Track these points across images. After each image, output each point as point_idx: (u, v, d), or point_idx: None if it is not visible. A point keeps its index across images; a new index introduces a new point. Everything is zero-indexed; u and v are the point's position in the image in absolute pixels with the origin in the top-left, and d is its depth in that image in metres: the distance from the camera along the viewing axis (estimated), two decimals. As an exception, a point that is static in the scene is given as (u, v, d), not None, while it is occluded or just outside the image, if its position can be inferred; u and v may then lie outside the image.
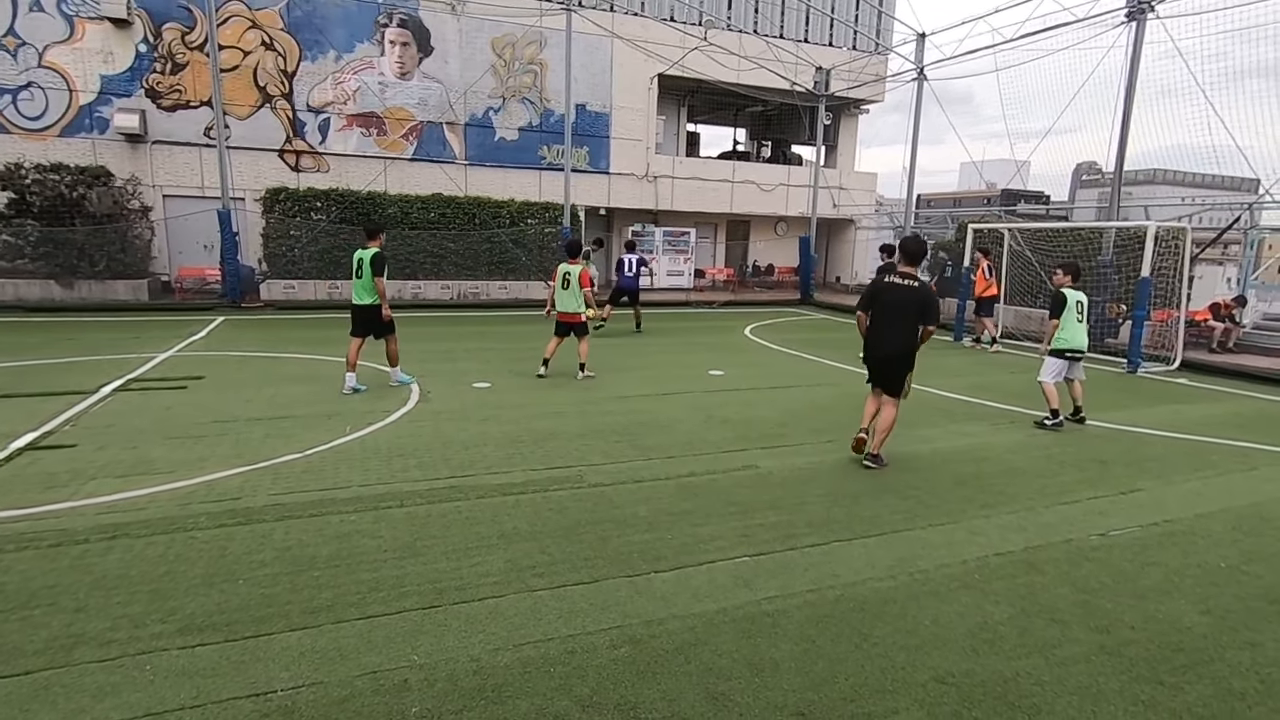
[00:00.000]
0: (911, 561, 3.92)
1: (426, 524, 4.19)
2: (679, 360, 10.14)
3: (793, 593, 3.53)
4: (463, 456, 5.48)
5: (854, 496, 4.89)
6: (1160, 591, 3.69)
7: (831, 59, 21.36)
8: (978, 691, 2.79)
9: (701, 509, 4.56)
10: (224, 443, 5.62)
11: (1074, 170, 40.10)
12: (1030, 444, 6.43)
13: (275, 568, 3.60)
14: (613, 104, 20.07)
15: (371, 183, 17.29)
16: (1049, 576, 3.81)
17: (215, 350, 9.83)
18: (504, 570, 3.65)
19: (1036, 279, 13.96)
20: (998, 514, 4.68)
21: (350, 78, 17.43)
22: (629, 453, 5.70)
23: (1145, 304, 10.54)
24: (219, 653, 2.87)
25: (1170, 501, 5.03)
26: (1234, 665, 3.04)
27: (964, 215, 19.73)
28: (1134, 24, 11.73)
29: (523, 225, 17.93)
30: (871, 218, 25.21)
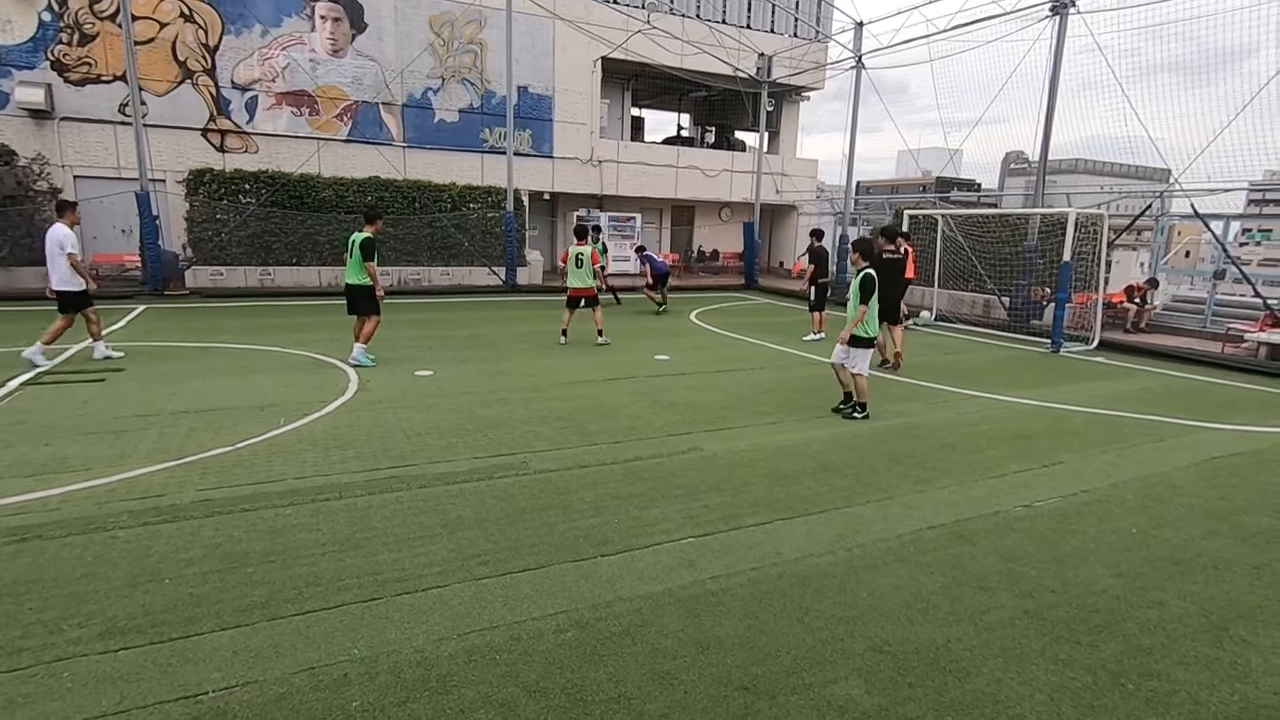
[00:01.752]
0: (850, 537, 4.04)
1: (367, 516, 4.09)
2: (625, 345, 10.14)
3: (737, 571, 3.59)
4: (404, 446, 5.36)
5: (795, 476, 5.01)
6: (1078, 557, 3.91)
7: (773, 45, 21.55)
8: (912, 659, 2.91)
9: (647, 492, 4.59)
10: (146, 438, 5.34)
11: (1003, 159, 41.79)
12: (961, 421, 6.70)
13: (204, 566, 3.45)
14: (555, 87, 19.77)
15: (304, 165, 16.59)
16: (978, 547, 3.99)
17: (136, 341, 9.31)
18: (448, 559, 3.60)
19: (968, 264, 14.50)
20: (931, 489, 4.87)
21: (278, 54, 16.62)
22: (575, 438, 5.69)
23: (1067, 287, 11.09)
24: (144, 655, 2.74)
25: (1088, 473, 5.33)
26: (1142, 623, 3.26)
27: (900, 202, 20.30)
28: (1057, 18, 12.23)
29: (465, 209, 17.55)
30: (813, 204, 25.67)
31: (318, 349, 9.03)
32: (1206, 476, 5.35)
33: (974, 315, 14.47)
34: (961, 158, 30.14)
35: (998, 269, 13.99)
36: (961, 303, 15.03)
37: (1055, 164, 38.28)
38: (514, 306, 14.67)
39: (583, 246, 10.24)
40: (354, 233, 8.30)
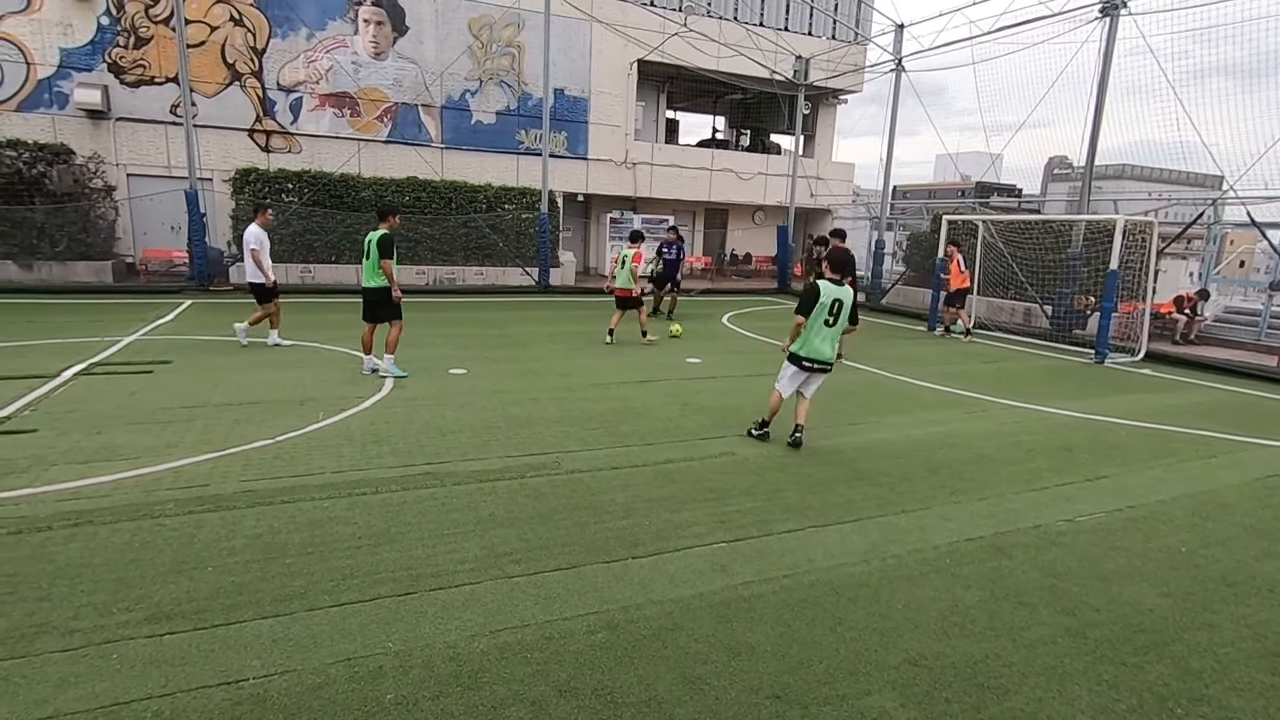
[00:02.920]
0: (884, 547, 3.98)
1: (401, 511, 4.15)
2: (656, 348, 10.13)
3: (769, 578, 3.56)
4: (438, 443, 5.42)
5: (829, 483, 4.95)
6: (1124, 575, 3.79)
7: (811, 48, 21.36)
8: (948, 673, 2.85)
9: (678, 495, 4.57)
10: (192, 429, 5.50)
11: (1046, 164, 40.75)
12: (1000, 431, 6.55)
13: (246, 555, 3.53)
14: (591, 89, 19.88)
15: (344, 165, 16.94)
16: (1018, 561, 3.89)
17: (183, 334, 9.60)
18: (480, 557, 3.63)
19: (1008, 271, 14.18)
20: (968, 500, 4.77)
21: (322, 56, 17.02)
22: (606, 439, 5.70)
23: (1113, 296, 10.77)
24: (188, 641, 2.82)
25: (1134, 488, 5.17)
26: (1192, 645, 3.14)
27: (938, 207, 19.96)
28: (1107, 20, 11.89)
29: (500, 210, 17.73)
30: (848, 208, 25.36)
31: (355, 345, 9.18)
32: (1260, 496, 5.14)
33: (1014, 323, 14.14)
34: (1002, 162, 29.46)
35: (1040, 276, 13.65)
36: (1001, 310, 14.70)
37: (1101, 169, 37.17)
38: (546, 307, 14.77)
39: (630, 249, 10.35)
40: (369, 232, 7.50)
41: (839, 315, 5.60)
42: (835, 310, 5.57)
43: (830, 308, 5.56)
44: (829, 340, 5.63)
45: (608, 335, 10.25)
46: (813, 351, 5.63)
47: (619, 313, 10.44)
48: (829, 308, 5.56)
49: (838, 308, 5.58)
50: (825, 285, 5.61)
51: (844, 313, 5.62)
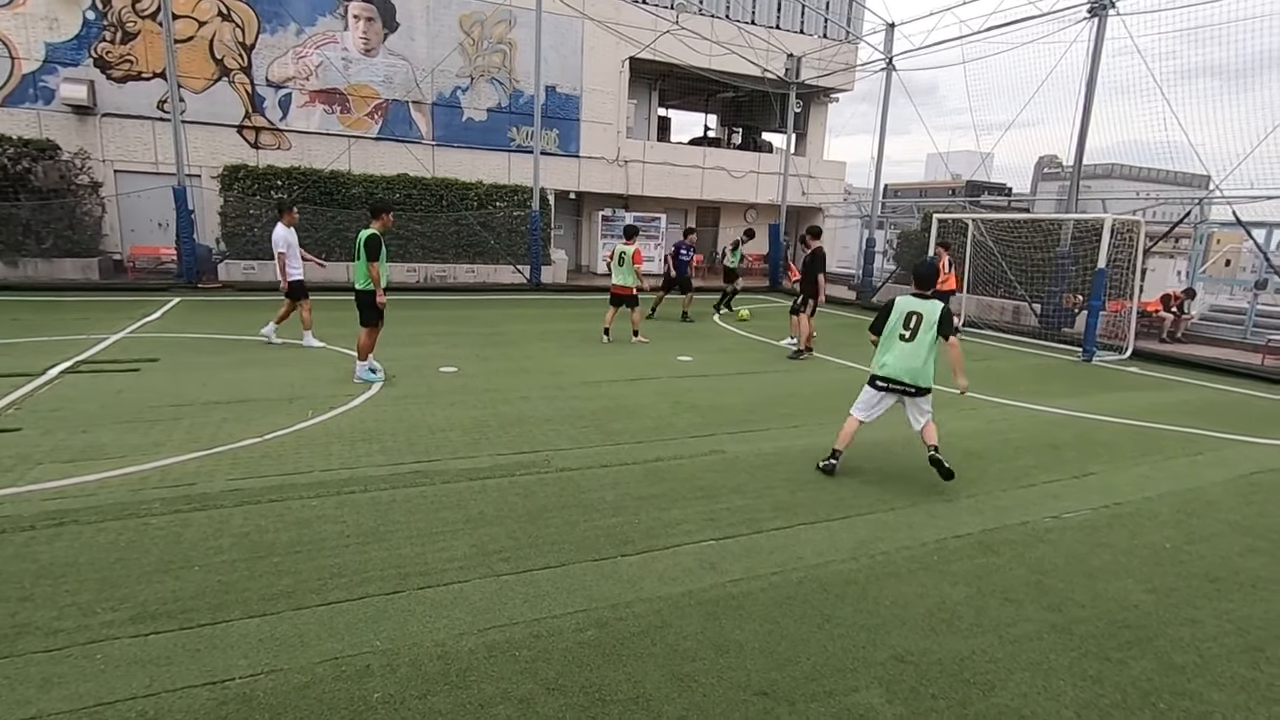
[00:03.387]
0: (873, 544, 4.00)
1: (390, 509, 4.14)
2: (648, 347, 10.13)
3: (757, 575, 3.57)
4: (428, 441, 5.41)
5: (819, 481, 4.96)
6: (1109, 571, 3.82)
7: (802, 46, 21.40)
8: (935, 669, 2.87)
9: (668, 493, 4.58)
10: (179, 427, 5.46)
11: (1036, 163, 41.02)
12: (989, 430, 6.59)
13: (233, 554, 3.51)
14: (583, 86, 19.84)
15: (334, 162, 16.86)
16: (1005, 558, 3.92)
17: (170, 332, 9.53)
18: (469, 555, 3.63)
19: (998, 269, 14.27)
20: (957, 497, 4.79)
21: (312, 52, 16.91)
22: (596, 438, 5.70)
23: (1101, 294, 10.85)
24: (173, 641, 2.80)
25: (1120, 485, 5.21)
26: (1175, 641, 3.18)
27: (929, 205, 20.04)
28: (1095, 20, 11.97)
29: (491, 208, 17.68)
30: (840, 206, 25.44)
31: (345, 344, 9.14)
32: (1245, 493, 5.20)
33: (1004, 322, 14.23)
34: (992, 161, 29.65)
35: (1029, 275, 13.74)
36: (991, 309, 14.79)
37: (1090, 169, 37.50)
38: (538, 305, 14.75)
39: (627, 246, 10.23)
40: (361, 230, 7.09)
41: (917, 330, 4.93)
42: (913, 324, 4.96)
43: (905, 321, 4.99)
44: (908, 357, 4.95)
45: (604, 335, 10.27)
46: (885, 369, 5.06)
47: (613, 310, 10.41)
48: (903, 321, 5.01)
49: (915, 321, 4.95)
50: (901, 299, 5.12)
51: (924, 327, 4.91)
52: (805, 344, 9.81)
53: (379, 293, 7.03)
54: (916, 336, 4.95)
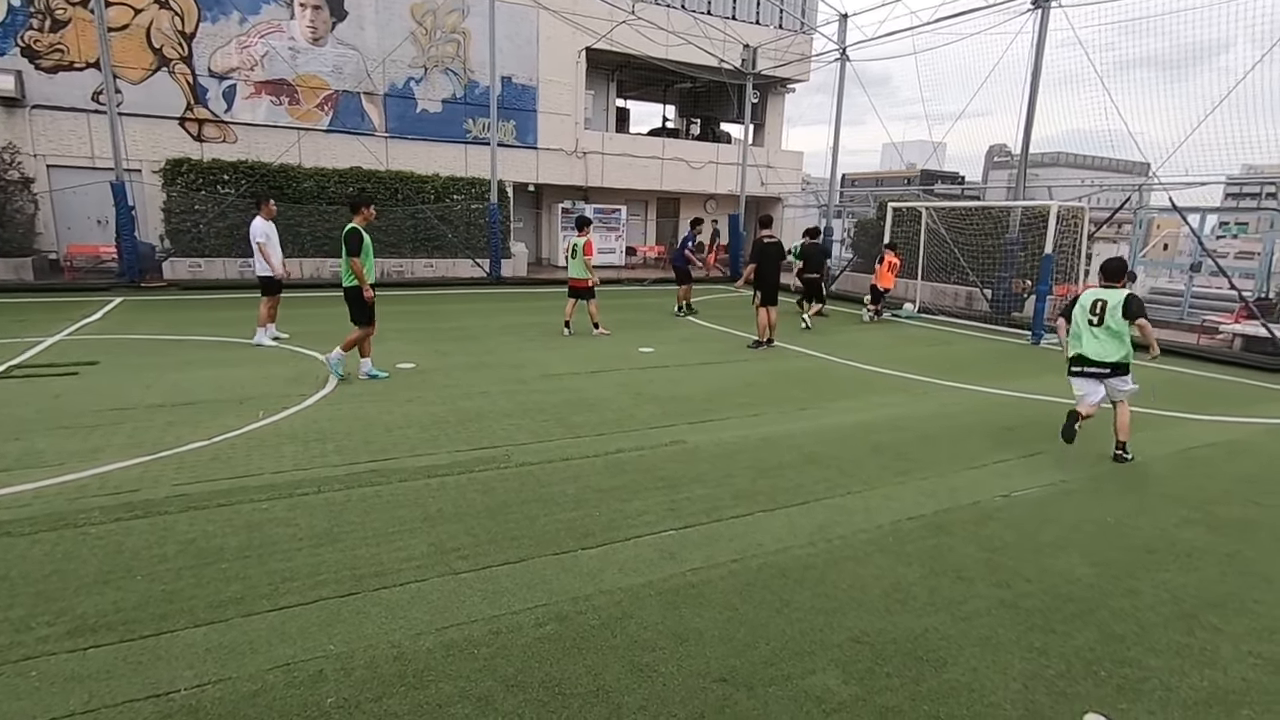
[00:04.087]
0: (831, 528, 4.06)
1: (345, 510, 4.05)
2: (609, 339, 10.11)
3: (717, 563, 3.60)
4: (385, 439, 5.31)
5: (778, 468, 5.02)
6: (1055, 547, 3.95)
7: (758, 37, 21.49)
8: (890, 649, 2.93)
9: (629, 485, 4.58)
10: (121, 432, 5.25)
11: (986, 152, 41.97)
12: (943, 413, 6.75)
13: (178, 562, 3.40)
14: (540, 77, 19.61)
15: (284, 155, 16.36)
16: (957, 537, 4.02)
17: (112, 333, 9.15)
18: (427, 554, 3.57)
19: (951, 256, 14.60)
20: (912, 480, 4.90)
21: (257, 42, 16.35)
22: (557, 431, 5.66)
23: (1048, 279, 11.18)
24: (115, 654, 2.69)
25: (1066, 463, 5.40)
26: (1116, 611, 3.30)
27: (885, 194, 20.39)
28: (1039, 12, 12.27)
29: (448, 201, 17.40)
30: (799, 196, 25.70)
31: (298, 341, 8.93)
32: (1181, 466, 5.43)
33: (957, 307, 14.58)
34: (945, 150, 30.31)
35: (980, 261, 14.09)
36: (944, 295, 15.13)
37: (1037, 157, 38.58)
38: (498, 299, 14.59)
39: (579, 237, 10.19)
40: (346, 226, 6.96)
41: (1103, 315, 5.44)
42: (1098, 310, 5.47)
43: (1091, 308, 5.52)
44: (1099, 341, 5.49)
45: (565, 328, 10.21)
46: (1080, 352, 5.60)
47: (572, 302, 10.35)
48: (1089, 308, 5.53)
49: (1100, 307, 5.47)
50: (1087, 290, 5.69)
51: (1110, 312, 5.42)
52: (765, 335, 9.85)
53: (365, 288, 6.90)
54: (1103, 322, 5.46)
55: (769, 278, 9.79)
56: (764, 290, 9.76)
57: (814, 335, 11.16)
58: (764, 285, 9.77)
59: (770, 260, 9.84)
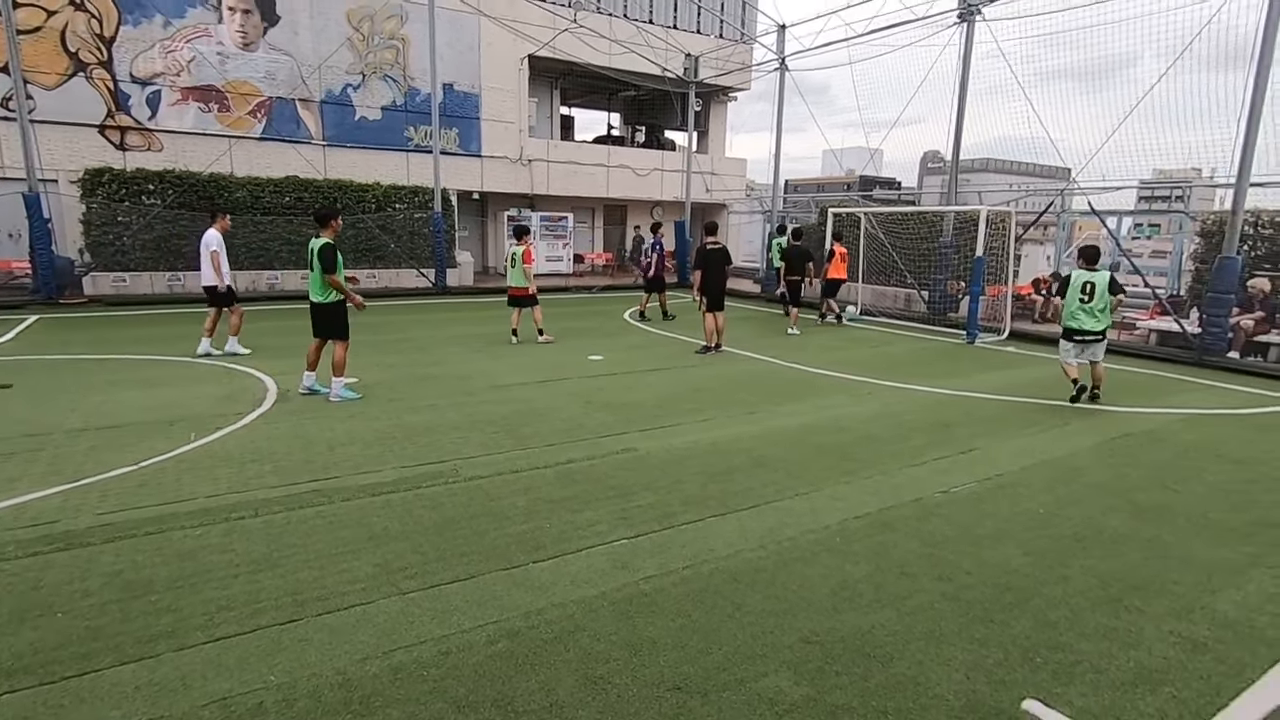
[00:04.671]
0: (780, 530, 4.13)
1: (285, 533, 3.91)
2: (558, 346, 10.06)
3: (670, 570, 3.61)
4: (326, 457, 5.15)
5: (728, 473, 5.08)
6: (992, 539, 4.11)
7: (699, 46, 21.80)
8: (838, 647, 2.99)
9: (580, 495, 4.56)
10: (39, 459, 4.95)
11: (921, 158, 43.55)
12: (885, 412, 6.95)
13: (103, 596, 3.22)
14: (482, 84, 19.42)
15: (214, 164, 15.74)
16: (900, 533, 4.14)
17: (26, 354, 8.62)
18: (373, 575, 3.48)
19: (889, 259, 15.06)
20: (856, 479, 5.03)
21: (183, 46, 15.70)
22: (507, 443, 5.60)
23: (979, 281, 11.66)
24: (32, 698, 2.53)
25: (1001, 457, 5.62)
26: (1049, 599, 3.46)
27: (826, 200, 20.92)
28: (965, 25, 12.83)
29: (390, 210, 17.04)
30: (743, 202, 26.14)
31: (233, 358, 8.58)
32: (1105, 457, 5.72)
33: (896, 309, 15.05)
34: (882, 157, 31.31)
35: (917, 264, 14.59)
36: (884, 297, 15.60)
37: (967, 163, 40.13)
38: (444, 309, 14.35)
39: (518, 246, 10.25)
40: (311, 239, 6.87)
41: (1093, 294, 7.20)
42: (1089, 290, 7.22)
43: (1082, 289, 7.25)
44: (1088, 314, 7.24)
45: (512, 336, 10.21)
46: (1073, 322, 7.34)
47: (516, 312, 10.33)
48: (1080, 288, 7.26)
49: (1090, 288, 7.23)
50: (1077, 272, 7.44)
51: (1099, 292, 7.18)
52: (713, 340, 9.96)
53: (352, 298, 6.90)
54: (1093, 299, 7.22)
55: (715, 284, 9.92)
56: (710, 296, 9.89)
57: (761, 339, 11.35)
58: (710, 291, 9.90)
59: (715, 266, 9.97)
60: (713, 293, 9.89)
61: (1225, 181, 11.02)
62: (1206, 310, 10.30)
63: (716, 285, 9.94)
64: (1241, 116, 9.61)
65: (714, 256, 9.93)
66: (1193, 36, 10.42)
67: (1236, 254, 10.00)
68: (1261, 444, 6.21)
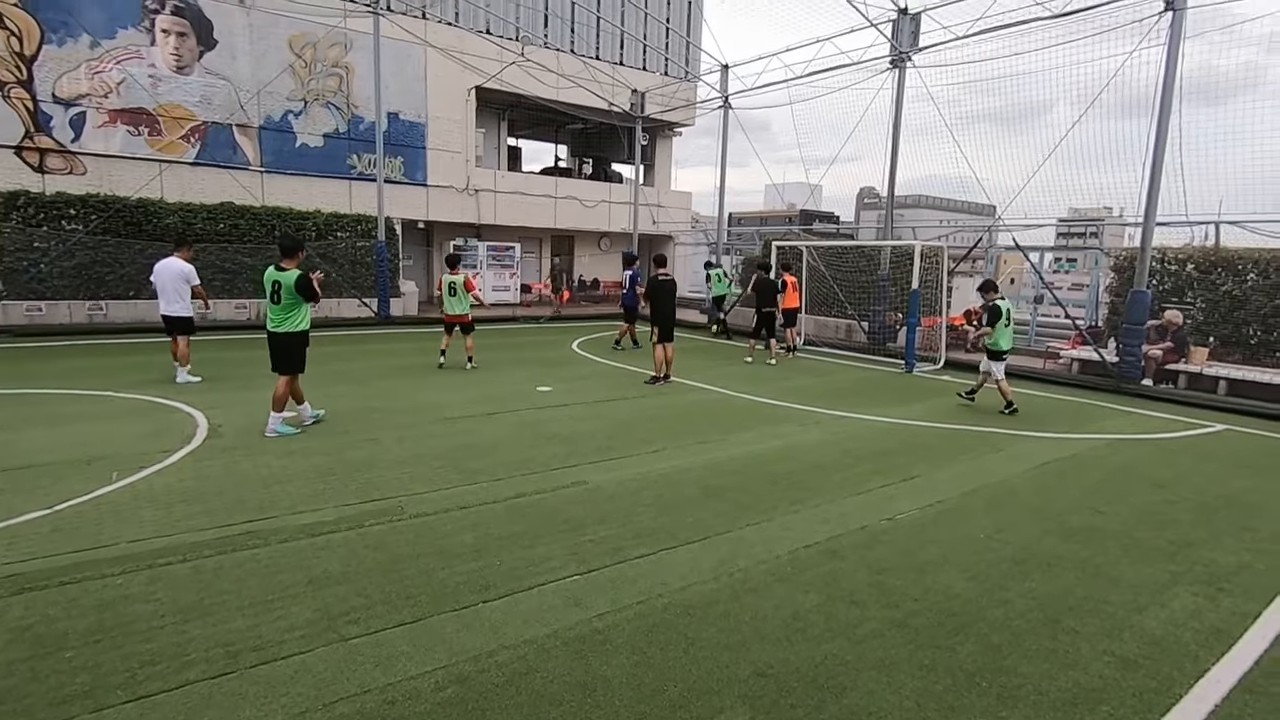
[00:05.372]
0: (732, 561, 4.14)
1: (216, 579, 3.69)
2: (505, 377, 9.95)
3: (623, 606, 3.57)
4: (262, 496, 4.91)
5: (679, 504, 5.08)
6: (936, 564, 4.22)
7: (645, 83, 22.30)
8: (792, 679, 3.00)
9: (531, 531, 4.47)
10: (-64, 505, 4.56)
11: (858, 194, 45.37)
12: (831, 441, 7.10)
13: (10, 654, 2.96)
14: (428, 114, 19.33)
15: (143, 189, 15.10)
16: (849, 562, 4.21)
17: (-75, 389, 7.98)
18: (312, 621, 3.31)
19: (831, 291, 15.53)
20: (805, 508, 5.10)
21: (112, 68, 15.12)
22: (454, 478, 5.46)
23: (915, 312, 12.13)
24: (-76, 773, 2.30)
25: (941, 484, 5.80)
26: (992, 622, 3.56)
27: (768, 233, 21.51)
28: (896, 71, 13.54)
29: (332, 238, 16.66)
30: (689, 234, 26.61)
31: (160, 391, 8.16)
32: (1037, 481, 5.98)
33: (838, 339, 15.49)
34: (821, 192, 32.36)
35: (856, 296, 15.09)
36: (827, 328, 16.05)
37: (902, 199, 42.03)
38: (387, 339, 14.01)
39: (455, 275, 10.56)
40: (270, 270, 6.55)
41: (1010, 319, 8.83)
42: (1010, 317, 8.82)
43: (1007, 315, 8.77)
44: (1009, 336, 8.88)
45: (440, 356, 10.66)
46: (1006, 344, 8.87)
47: (448, 336, 10.78)
48: (1007, 315, 8.77)
49: (1009, 314, 8.82)
50: (1005, 302, 8.86)
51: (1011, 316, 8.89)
52: (662, 370, 10.02)
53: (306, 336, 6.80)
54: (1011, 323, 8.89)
55: (665, 314, 10.02)
56: (660, 327, 9.98)
57: (710, 369, 11.48)
58: (660, 322, 10.00)
59: (666, 297, 10.09)
60: (663, 323, 9.98)
61: (1134, 220, 11.86)
62: (1121, 340, 10.97)
63: (666, 316, 10.04)
64: (1146, 161, 10.40)
65: (665, 288, 10.06)
66: (1100, 89, 11.26)
67: (1146, 288, 10.72)
68: (1178, 466, 6.60)
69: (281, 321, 6.61)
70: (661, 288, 10.03)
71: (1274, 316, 10.92)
